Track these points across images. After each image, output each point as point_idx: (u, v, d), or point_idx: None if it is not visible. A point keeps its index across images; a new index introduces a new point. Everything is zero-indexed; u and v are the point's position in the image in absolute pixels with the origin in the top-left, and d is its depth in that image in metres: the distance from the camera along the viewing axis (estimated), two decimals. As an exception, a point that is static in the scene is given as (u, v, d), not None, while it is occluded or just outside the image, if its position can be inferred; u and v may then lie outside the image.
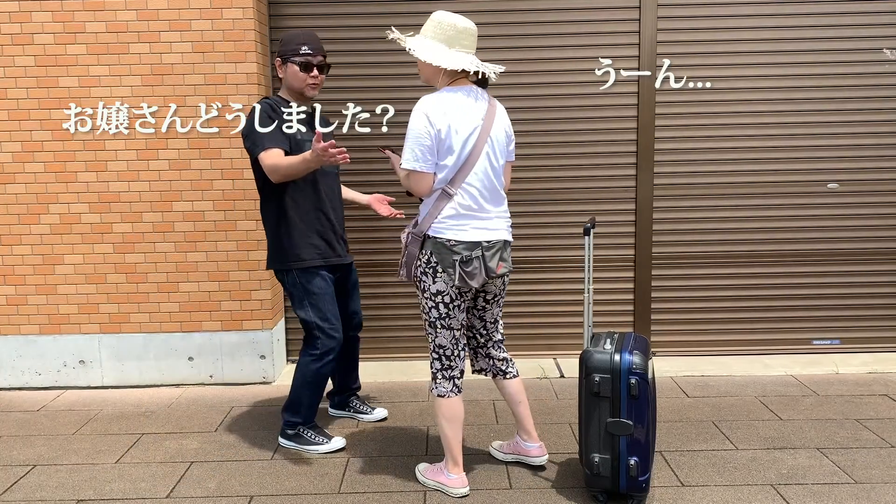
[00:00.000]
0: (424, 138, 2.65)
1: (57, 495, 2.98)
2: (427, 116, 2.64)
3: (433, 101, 2.68)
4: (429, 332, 2.87)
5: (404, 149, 2.71)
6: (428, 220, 2.74)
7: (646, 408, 2.68)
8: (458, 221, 2.72)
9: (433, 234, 2.74)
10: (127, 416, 3.81)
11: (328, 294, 3.23)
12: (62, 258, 4.15)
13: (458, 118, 2.67)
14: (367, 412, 3.67)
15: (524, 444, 3.12)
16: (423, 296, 2.81)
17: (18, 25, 3.97)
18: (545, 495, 2.88)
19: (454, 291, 2.77)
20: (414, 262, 2.78)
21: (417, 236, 2.76)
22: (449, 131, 2.66)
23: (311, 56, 3.18)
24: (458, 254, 2.71)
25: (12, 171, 4.08)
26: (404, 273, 2.84)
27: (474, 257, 2.72)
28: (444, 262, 2.72)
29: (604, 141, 4.45)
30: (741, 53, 4.35)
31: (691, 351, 4.61)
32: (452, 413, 2.85)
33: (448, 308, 2.78)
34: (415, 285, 2.86)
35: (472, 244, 2.73)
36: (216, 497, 2.93)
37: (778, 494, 2.85)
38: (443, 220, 2.72)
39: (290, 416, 3.33)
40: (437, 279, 2.75)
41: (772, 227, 4.50)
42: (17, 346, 4.21)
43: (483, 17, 4.27)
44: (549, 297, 4.56)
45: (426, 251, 2.75)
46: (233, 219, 4.12)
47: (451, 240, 2.72)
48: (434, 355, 2.87)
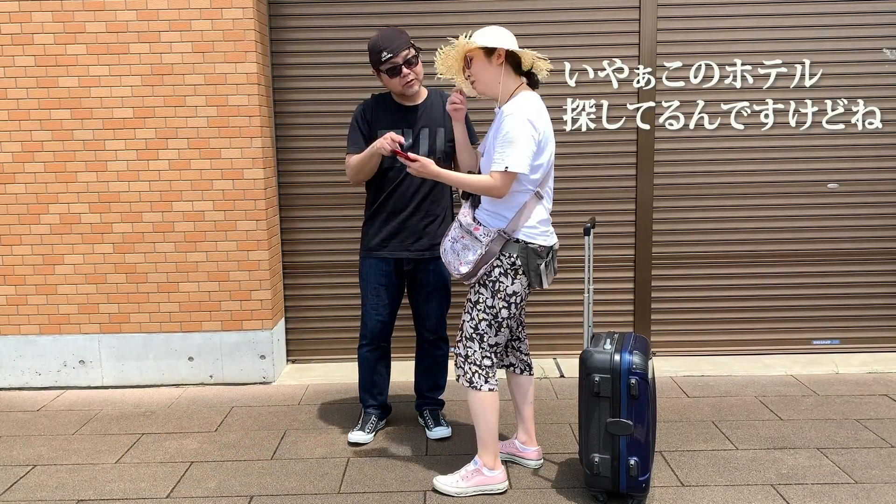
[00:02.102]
0: (530, 142, 2.67)
1: (57, 495, 2.98)
2: (530, 121, 2.67)
3: (531, 105, 2.70)
4: (483, 332, 2.84)
5: (506, 151, 2.65)
6: (517, 221, 2.75)
7: (646, 408, 2.68)
8: (547, 227, 2.84)
9: (525, 239, 2.76)
10: (127, 416, 3.81)
11: (372, 283, 3.35)
12: (62, 258, 4.15)
13: (548, 122, 2.77)
14: (429, 427, 3.48)
15: (522, 447, 3.14)
16: (495, 296, 2.80)
17: (18, 25, 3.97)
18: (545, 495, 2.88)
19: (525, 292, 2.83)
20: (491, 262, 2.77)
21: (504, 236, 2.76)
22: (545, 133, 2.74)
23: (393, 58, 3.09)
24: (543, 259, 2.79)
25: (12, 171, 4.08)
26: (468, 270, 2.79)
27: (550, 261, 2.83)
28: (529, 265, 2.77)
29: (604, 141, 4.45)
30: (741, 53, 4.35)
31: (691, 351, 4.61)
32: (498, 405, 2.90)
33: (517, 308, 2.85)
34: (479, 284, 2.83)
35: (550, 249, 2.83)
36: (216, 497, 2.93)
37: (778, 494, 2.85)
38: (536, 224, 2.78)
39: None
40: (516, 281, 2.78)
41: (772, 227, 4.50)
42: (17, 346, 4.21)
43: (483, 18, 4.28)
44: (549, 297, 4.56)
45: (510, 253, 2.76)
46: (233, 219, 4.13)
47: (541, 246, 2.78)
48: (487, 353, 2.86)
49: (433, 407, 3.53)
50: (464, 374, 2.88)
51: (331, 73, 4.39)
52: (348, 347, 4.58)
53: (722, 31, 4.35)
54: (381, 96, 3.30)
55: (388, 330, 3.43)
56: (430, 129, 3.24)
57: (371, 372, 3.47)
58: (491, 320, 2.83)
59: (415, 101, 3.26)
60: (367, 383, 3.50)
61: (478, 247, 2.77)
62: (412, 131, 3.22)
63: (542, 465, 3.12)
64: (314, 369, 4.50)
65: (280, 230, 4.49)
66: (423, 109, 3.25)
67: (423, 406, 3.55)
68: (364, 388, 3.51)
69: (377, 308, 3.37)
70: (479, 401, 2.87)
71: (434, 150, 3.23)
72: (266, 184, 4.15)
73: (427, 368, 3.51)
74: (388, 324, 3.42)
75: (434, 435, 3.41)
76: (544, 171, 2.77)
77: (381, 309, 3.38)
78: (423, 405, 3.56)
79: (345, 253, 4.51)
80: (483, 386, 2.86)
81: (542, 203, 2.81)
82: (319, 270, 4.56)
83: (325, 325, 4.60)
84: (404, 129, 3.21)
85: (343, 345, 4.60)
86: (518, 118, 2.66)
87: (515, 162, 2.65)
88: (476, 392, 2.86)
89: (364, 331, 3.42)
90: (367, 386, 3.50)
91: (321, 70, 4.38)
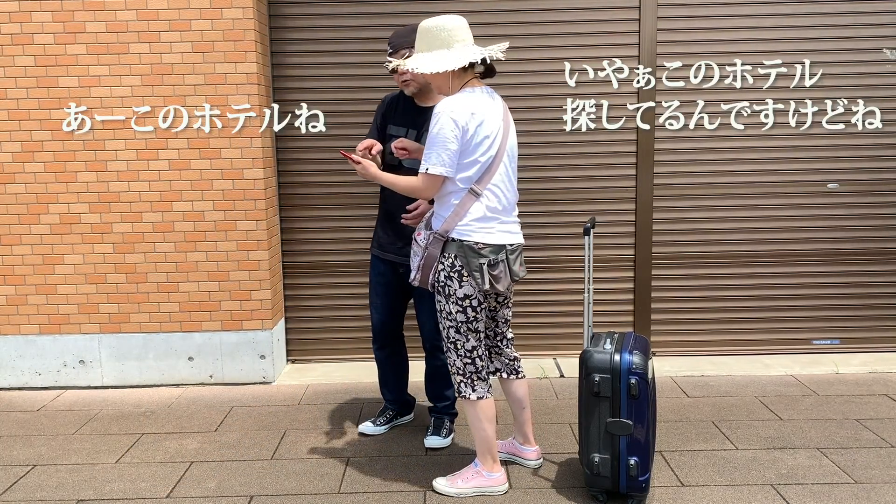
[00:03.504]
0: (451, 142, 2.62)
1: (57, 495, 2.97)
2: (453, 120, 2.61)
3: (457, 102, 2.64)
4: (454, 339, 2.80)
5: (428, 152, 2.65)
6: (452, 221, 2.70)
7: (646, 408, 2.68)
8: (485, 224, 2.70)
9: (458, 237, 2.70)
10: (127, 416, 3.81)
11: (376, 283, 3.38)
12: (62, 258, 4.15)
13: (484, 118, 2.66)
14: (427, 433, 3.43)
15: (521, 447, 3.13)
16: (448, 301, 2.75)
17: (18, 25, 3.97)
18: (545, 495, 2.88)
19: (481, 295, 2.75)
20: (434, 266, 2.74)
21: (440, 238, 2.71)
22: (476, 131, 2.64)
23: (392, 54, 3.09)
24: (485, 257, 2.69)
25: (12, 171, 4.08)
26: (419, 276, 2.80)
27: (500, 261, 2.72)
28: (469, 265, 2.69)
29: (604, 141, 4.45)
30: (741, 53, 4.35)
31: (691, 351, 4.61)
32: (492, 412, 2.85)
33: (475, 311, 2.76)
34: (433, 290, 2.81)
35: (498, 247, 2.72)
36: (216, 497, 2.93)
37: (778, 494, 2.85)
38: (470, 222, 2.69)
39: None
40: (464, 283, 2.71)
41: (772, 227, 4.50)
42: (17, 346, 4.21)
43: (483, 18, 4.28)
44: (549, 297, 4.56)
45: (449, 254, 2.71)
46: (233, 219, 4.12)
47: (478, 242, 2.69)
48: (465, 360, 2.81)
49: (438, 415, 3.46)
50: (455, 384, 2.88)
51: (331, 73, 4.39)
52: (348, 347, 4.59)
53: (722, 31, 4.35)
54: (402, 93, 3.25)
55: (389, 329, 3.41)
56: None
57: (382, 368, 3.52)
58: (458, 325, 2.77)
59: (431, 101, 3.17)
60: (381, 379, 3.56)
61: (419, 251, 2.77)
62: (417, 132, 3.19)
63: (542, 464, 3.12)
64: (314, 369, 4.50)
65: (280, 230, 4.49)
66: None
67: (431, 412, 3.53)
68: (380, 382, 3.58)
69: (376, 305, 3.40)
70: (470, 409, 2.85)
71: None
72: (266, 184, 4.15)
73: (429, 376, 3.47)
74: (389, 323, 3.40)
75: (427, 443, 3.37)
76: (481, 170, 2.68)
77: (379, 307, 3.38)
78: (430, 411, 3.53)
79: (345, 253, 4.51)
80: (470, 394, 2.82)
81: (481, 201, 2.69)
82: (319, 270, 4.55)
83: (325, 325, 4.60)
84: (410, 129, 3.19)
85: (343, 345, 4.60)
86: (442, 118, 2.62)
87: (434, 163, 2.63)
88: (465, 400, 2.84)
89: (372, 328, 3.47)
90: (381, 381, 3.56)
91: (321, 70, 4.38)
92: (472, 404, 2.83)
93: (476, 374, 2.83)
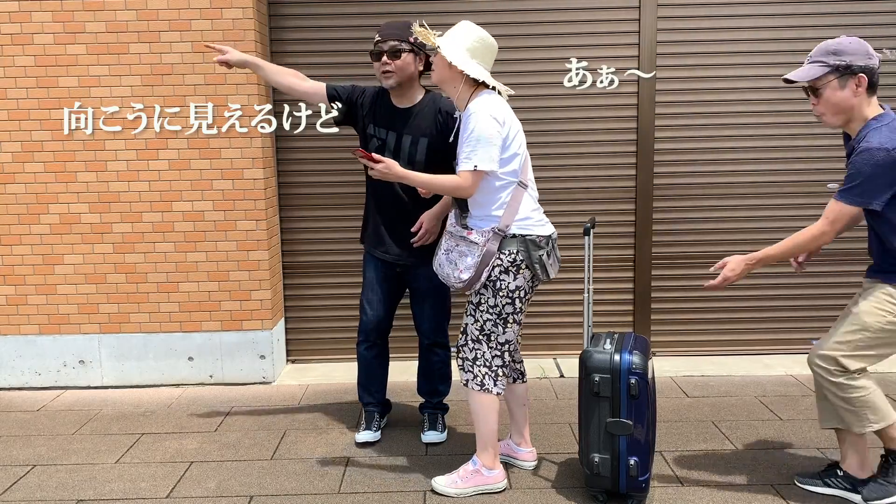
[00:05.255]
0: (496, 138, 2.66)
1: (57, 495, 2.97)
2: (493, 117, 2.65)
3: (491, 101, 2.69)
4: (490, 332, 2.81)
5: (473, 150, 2.64)
6: (509, 216, 2.73)
7: (645, 408, 2.68)
8: (540, 216, 2.81)
9: (521, 232, 2.73)
10: (127, 416, 3.81)
11: (370, 280, 3.37)
12: (62, 258, 4.15)
13: (512, 115, 2.76)
14: (423, 429, 3.46)
15: (517, 448, 3.14)
16: (497, 294, 2.76)
17: (18, 25, 3.97)
18: (545, 495, 2.88)
19: (528, 286, 2.80)
20: (492, 262, 2.73)
21: (500, 234, 2.73)
22: (512, 127, 2.73)
23: (380, 42, 3.06)
24: (544, 248, 2.76)
25: (12, 171, 4.08)
26: (471, 275, 2.73)
27: (551, 250, 2.81)
28: (531, 258, 2.74)
29: (604, 141, 4.45)
30: (741, 53, 4.35)
31: (691, 351, 4.61)
32: (498, 407, 2.88)
33: (522, 303, 2.81)
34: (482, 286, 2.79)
35: (549, 238, 2.80)
36: (216, 497, 2.93)
37: (778, 494, 2.85)
38: (528, 214, 2.76)
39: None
40: (518, 276, 2.75)
41: (772, 227, 4.50)
42: (17, 346, 4.21)
43: (483, 18, 4.28)
44: (549, 297, 4.56)
45: (511, 250, 2.73)
46: (233, 219, 4.12)
47: (539, 236, 2.75)
48: (496, 353, 2.83)
49: (432, 411, 3.52)
50: (473, 378, 2.86)
51: (331, 73, 4.37)
52: (348, 347, 4.58)
53: (722, 31, 4.35)
54: (384, 91, 3.21)
55: (381, 326, 3.40)
56: (412, 136, 3.14)
57: (368, 369, 3.47)
58: (496, 319, 2.80)
59: (408, 102, 3.16)
60: (365, 380, 3.50)
61: (475, 249, 2.74)
62: (396, 134, 3.15)
63: (536, 465, 3.12)
64: (314, 369, 4.49)
65: (280, 230, 4.49)
66: (412, 115, 3.15)
67: (423, 408, 3.55)
68: (362, 384, 3.51)
69: (370, 301, 3.38)
70: (481, 402, 2.85)
71: (412, 160, 3.10)
72: (266, 184, 4.15)
73: (424, 372, 3.49)
74: (381, 320, 3.39)
75: (425, 439, 3.40)
76: (521, 161, 2.76)
77: (373, 304, 3.37)
78: (423, 407, 3.55)
79: (344, 253, 4.51)
80: (493, 387, 2.84)
81: (528, 192, 2.79)
82: (319, 270, 4.56)
83: (325, 325, 4.60)
84: (389, 131, 3.16)
85: (343, 345, 4.59)
86: (482, 115, 2.64)
87: (483, 160, 2.65)
88: (478, 393, 2.85)
89: (359, 325, 3.42)
90: (365, 383, 3.50)
91: (321, 70, 4.37)
92: (487, 397, 2.84)
93: (503, 367, 2.86)
